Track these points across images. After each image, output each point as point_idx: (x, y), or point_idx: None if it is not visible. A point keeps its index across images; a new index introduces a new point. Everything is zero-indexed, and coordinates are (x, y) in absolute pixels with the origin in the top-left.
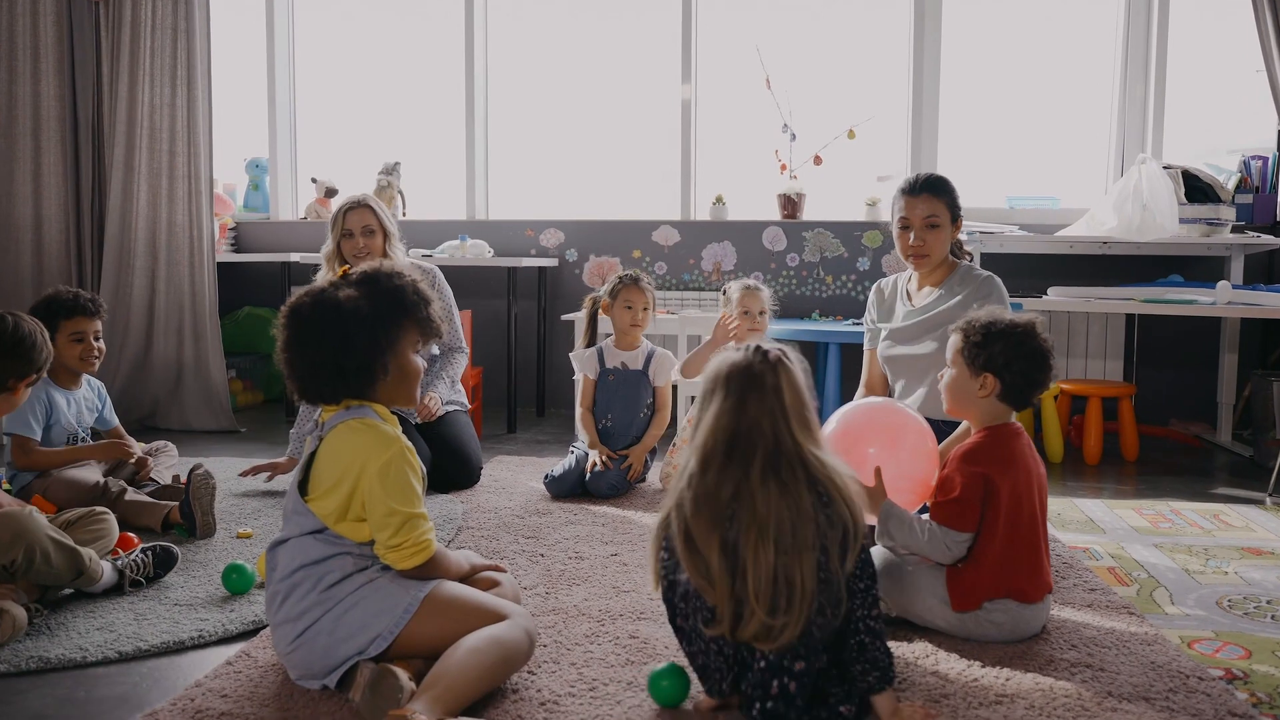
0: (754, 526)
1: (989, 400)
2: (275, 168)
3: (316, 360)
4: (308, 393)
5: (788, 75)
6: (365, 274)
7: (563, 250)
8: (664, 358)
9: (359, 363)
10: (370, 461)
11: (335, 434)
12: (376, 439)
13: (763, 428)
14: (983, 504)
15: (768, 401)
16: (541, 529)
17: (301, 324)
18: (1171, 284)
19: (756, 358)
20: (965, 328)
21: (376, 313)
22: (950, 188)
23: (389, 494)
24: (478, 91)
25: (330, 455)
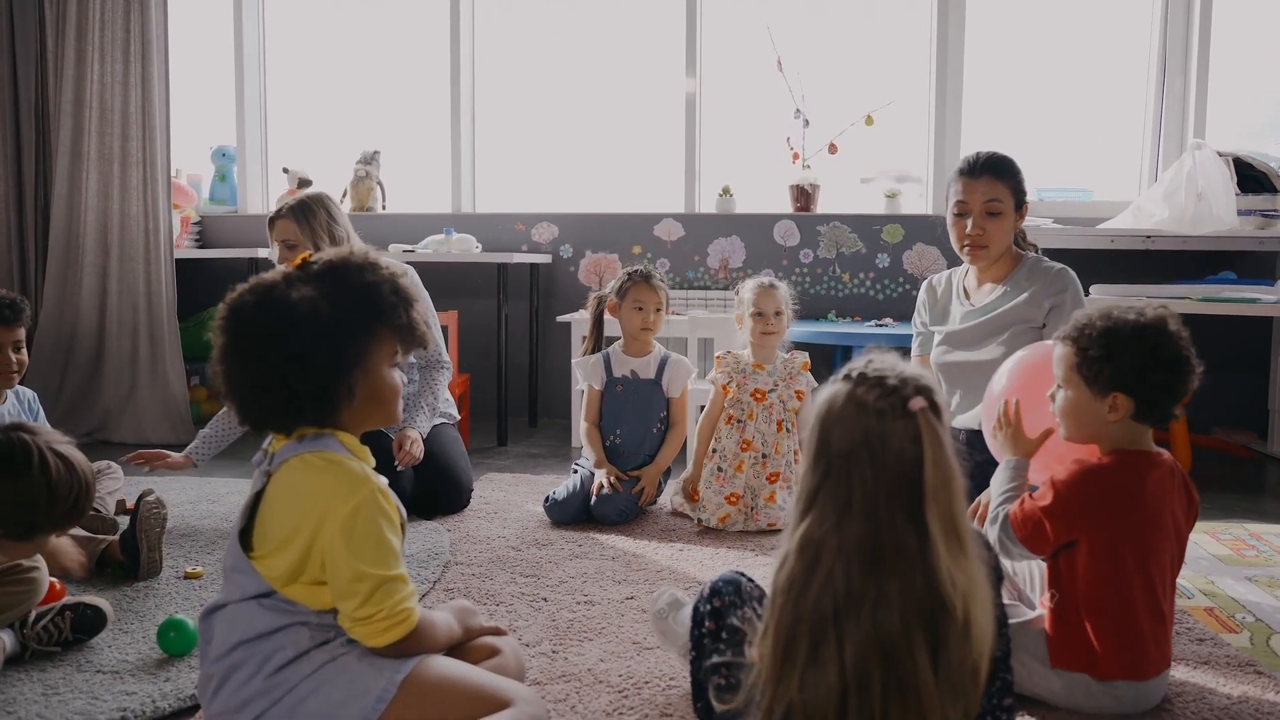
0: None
1: (1122, 424)
2: (244, 157)
3: (261, 379)
4: (250, 418)
5: (801, 57)
6: (329, 265)
7: (556, 246)
8: (679, 365)
9: (317, 385)
10: (332, 510)
11: (287, 472)
12: (340, 480)
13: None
14: (1074, 538)
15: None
16: (542, 565)
17: (242, 330)
18: (1224, 281)
19: (883, 403)
20: (1077, 337)
21: (341, 317)
22: (1015, 169)
23: (356, 552)
24: (464, 74)
25: (281, 499)
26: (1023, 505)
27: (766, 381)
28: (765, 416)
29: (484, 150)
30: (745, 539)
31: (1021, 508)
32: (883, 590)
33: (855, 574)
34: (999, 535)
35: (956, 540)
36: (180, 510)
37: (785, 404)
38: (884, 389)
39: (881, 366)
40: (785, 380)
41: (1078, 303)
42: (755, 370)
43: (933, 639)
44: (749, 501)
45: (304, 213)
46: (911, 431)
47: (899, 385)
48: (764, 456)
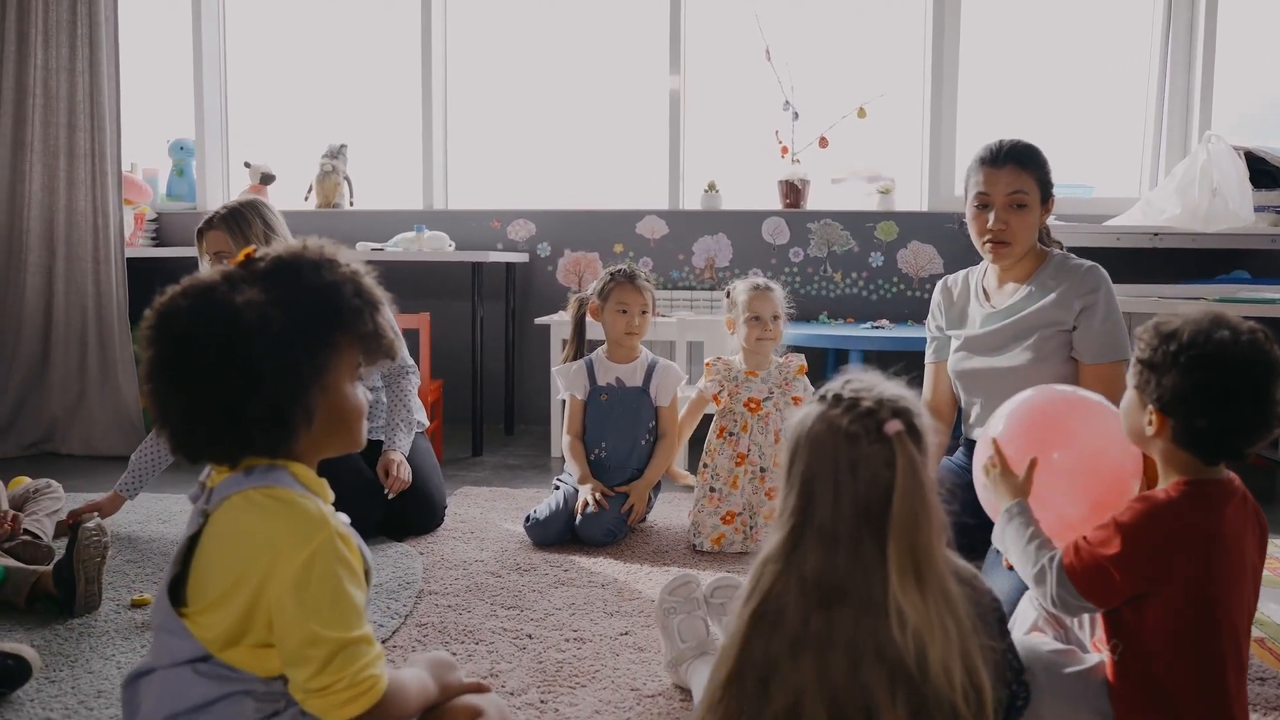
0: None
1: (1166, 445)
2: (203, 150)
3: (198, 403)
4: (185, 448)
5: (790, 46)
6: (279, 262)
7: (534, 244)
8: (668, 371)
9: (267, 408)
10: (282, 559)
11: (229, 512)
12: (293, 523)
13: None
14: (1147, 589)
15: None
16: (525, 593)
17: (175, 342)
18: (1237, 281)
19: (855, 426)
20: (1141, 333)
21: (296, 325)
22: (1041, 158)
23: (310, 611)
24: (435, 64)
25: (221, 545)
26: (1080, 553)
27: (761, 389)
28: (761, 427)
29: (457, 144)
30: (746, 561)
31: (1079, 556)
32: (831, 626)
33: (804, 606)
34: (1056, 592)
35: (914, 575)
36: (128, 530)
37: (782, 413)
38: (858, 411)
39: (859, 387)
40: (781, 387)
41: (1110, 302)
42: (748, 378)
43: (892, 684)
44: (747, 520)
45: (237, 221)
46: (885, 456)
47: (874, 407)
48: (762, 471)
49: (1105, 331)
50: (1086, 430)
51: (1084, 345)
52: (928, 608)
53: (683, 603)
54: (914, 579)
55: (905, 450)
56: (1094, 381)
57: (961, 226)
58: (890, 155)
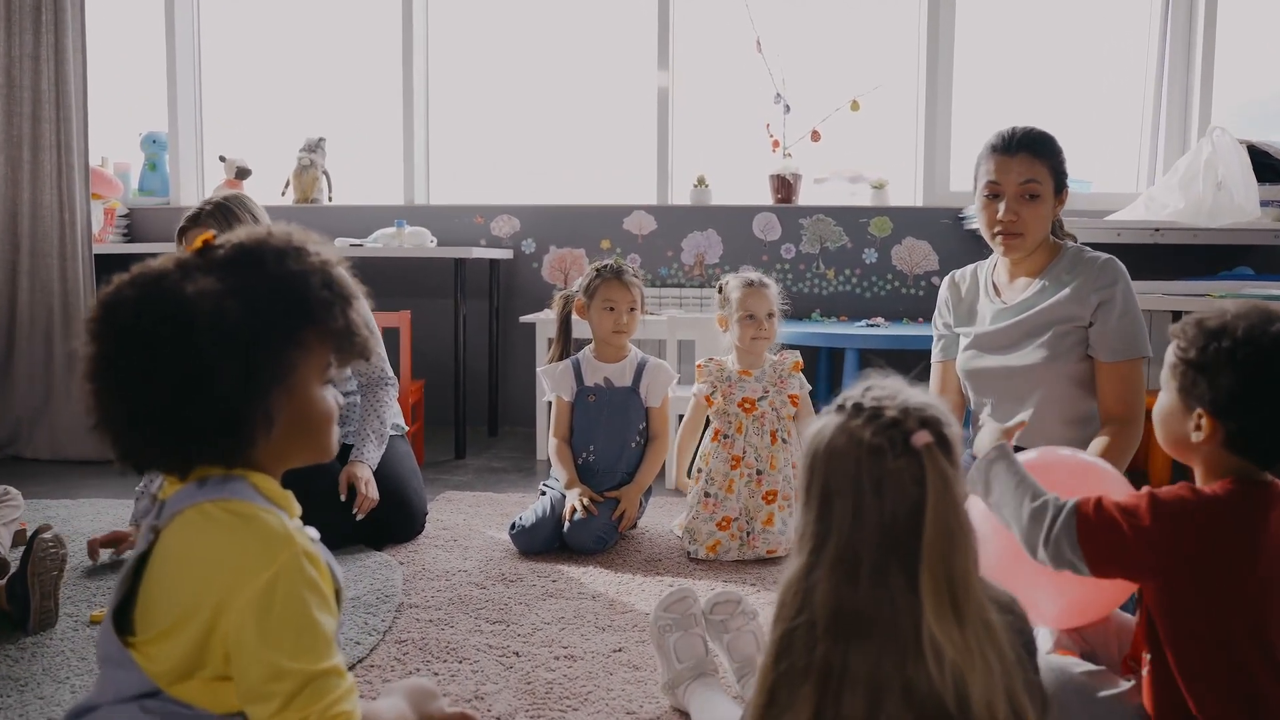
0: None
1: (1214, 450)
2: (176, 144)
3: (145, 405)
4: (131, 455)
5: (781, 37)
6: (240, 249)
7: (518, 240)
8: (659, 370)
9: (223, 412)
10: (240, 582)
11: (181, 528)
12: (253, 541)
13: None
14: (1159, 579)
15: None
16: (511, 606)
17: (120, 337)
18: (1241, 277)
19: (879, 438)
20: (1182, 330)
21: (258, 320)
22: (1055, 146)
23: (272, 641)
24: (417, 55)
25: (172, 566)
26: (1101, 508)
27: (755, 389)
28: (756, 428)
29: (439, 137)
30: (743, 570)
31: (1099, 511)
32: (847, 663)
33: (811, 636)
34: (1056, 534)
35: (950, 606)
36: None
37: (778, 412)
38: (882, 422)
39: (881, 394)
40: (776, 385)
41: (1129, 297)
42: (742, 377)
43: None
44: (744, 525)
45: (225, 216)
46: (914, 472)
47: (900, 417)
48: (758, 473)
49: (1123, 327)
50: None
51: (1101, 342)
52: (967, 641)
53: (679, 619)
54: (951, 610)
55: (936, 464)
56: (1111, 380)
57: (957, 221)
58: (884, 149)
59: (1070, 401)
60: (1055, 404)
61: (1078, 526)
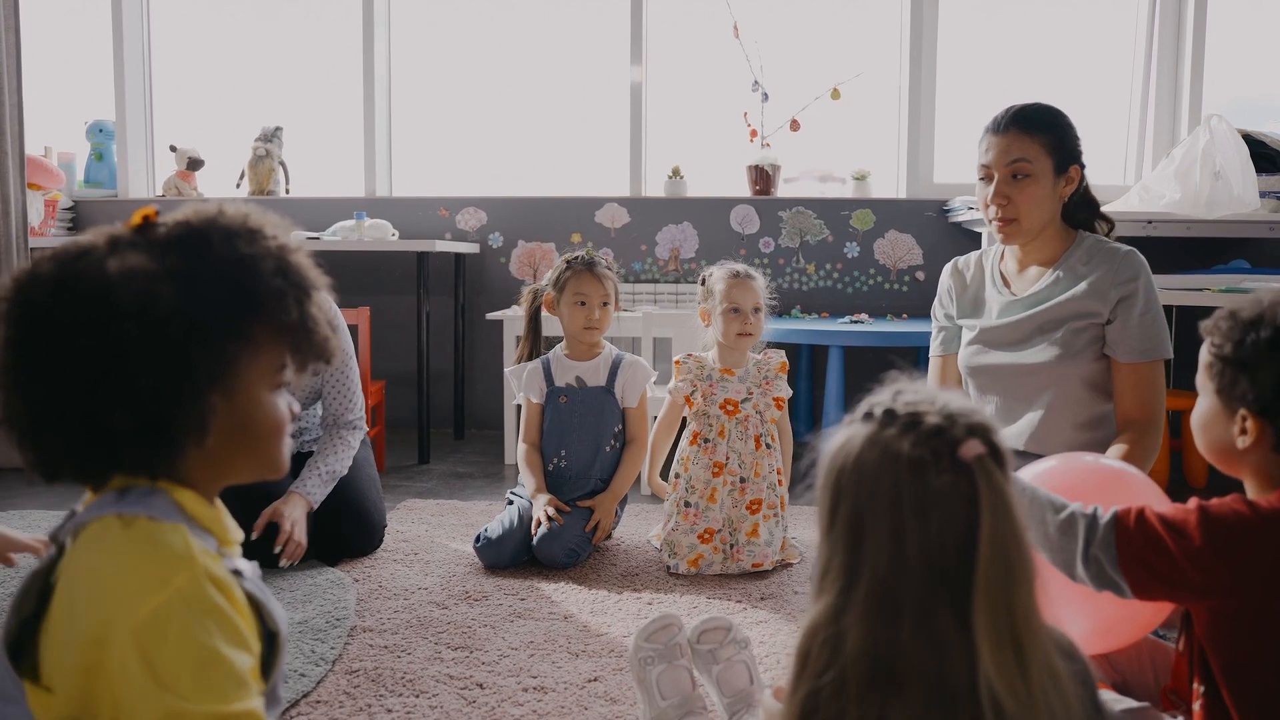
0: None
1: (1264, 455)
2: (124, 133)
3: (52, 404)
4: (40, 462)
5: (759, 21)
6: (185, 227)
7: (485, 234)
8: (635, 367)
9: (142, 416)
10: (124, 612)
11: (83, 544)
12: (142, 563)
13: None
14: (1212, 600)
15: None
16: (474, 629)
17: (30, 323)
18: (1237, 270)
19: (921, 450)
20: (1215, 326)
21: (195, 310)
22: (1054, 121)
23: (166, 679)
24: (378, 41)
25: (64, 592)
26: (1144, 521)
27: (738, 390)
28: (739, 432)
29: (402, 127)
30: (727, 585)
31: (1142, 524)
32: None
33: (840, 696)
34: (1093, 551)
35: (1012, 649)
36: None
37: (762, 415)
38: (923, 431)
39: (916, 399)
40: (760, 386)
41: (1150, 293)
42: (724, 377)
43: None
44: (727, 538)
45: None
46: (964, 490)
47: (944, 424)
48: (741, 481)
49: (1145, 326)
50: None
51: (1120, 341)
52: (1032, 693)
53: (662, 650)
54: (1013, 656)
55: (990, 479)
56: (1131, 383)
57: (942, 214)
58: (866, 139)
59: (1082, 404)
60: (1066, 406)
61: (1118, 544)
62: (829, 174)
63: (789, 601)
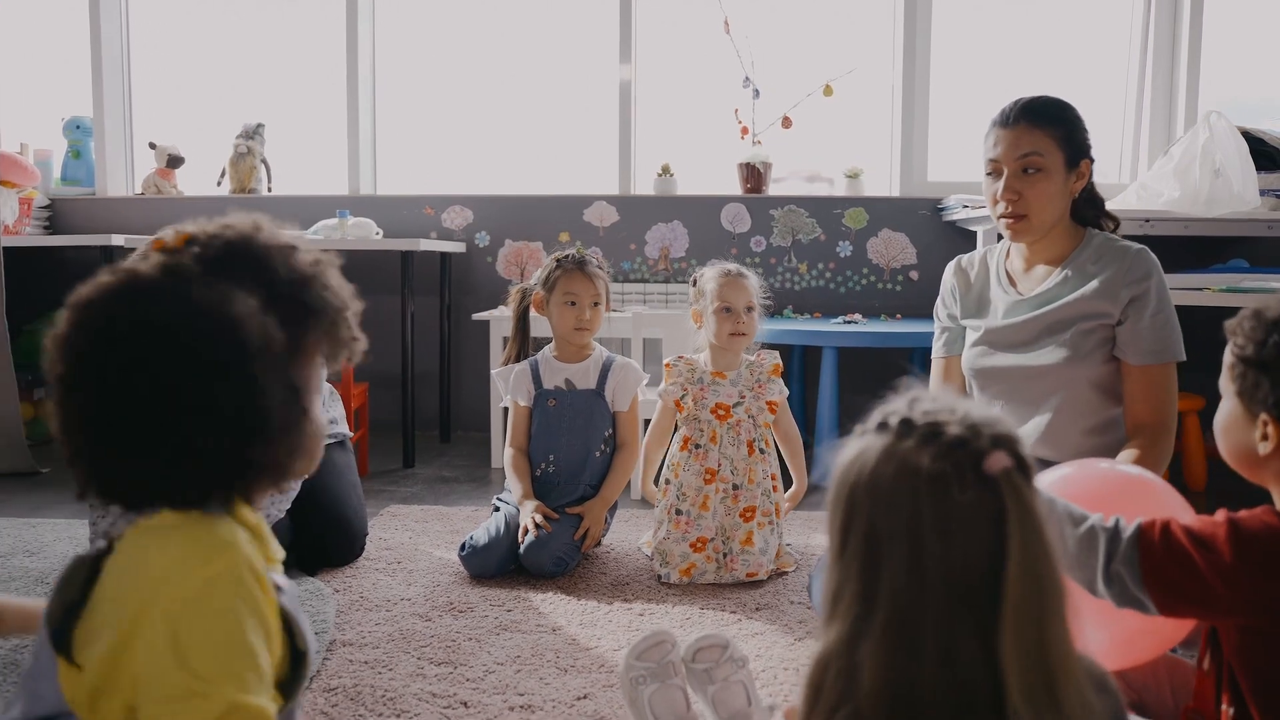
0: None
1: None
2: (102, 130)
3: (158, 439)
4: (124, 492)
5: (751, 16)
6: (230, 245)
7: (471, 233)
8: (626, 370)
9: (277, 445)
10: (164, 588)
11: (132, 538)
12: (186, 545)
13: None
14: (1246, 619)
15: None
16: (460, 644)
17: (114, 357)
18: (1236, 270)
19: (942, 464)
20: (1238, 327)
21: (279, 329)
22: (1065, 114)
23: (192, 654)
24: (363, 37)
25: (113, 580)
26: (1170, 535)
27: (730, 393)
28: (732, 437)
29: (387, 124)
30: (721, 595)
31: (1168, 538)
32: None
33: None
34: (1116, 567)
35: (1044, 684)
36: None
37: (755, 419)
38: (944, 442)
39: (935, 408)
40: (753, 390)
41: (1163, 293)
42: (715, 380)
43: None
44: (720, 546)
45: None
46: (989, 507)
47: (966, 435)
48: (735, 488)
49: (1157, 327)
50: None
51: (1131, 343)
52: None
53: (655, 669)
54: (1044, 689)
55: (1018, 495)
56: (1142, 386)
57: (936, 213)
58: (859, 136)
59: (1092, 407)
60: (1075, 410)
61: (1141, 561)
62: (816, 174)
63: (785, 612)
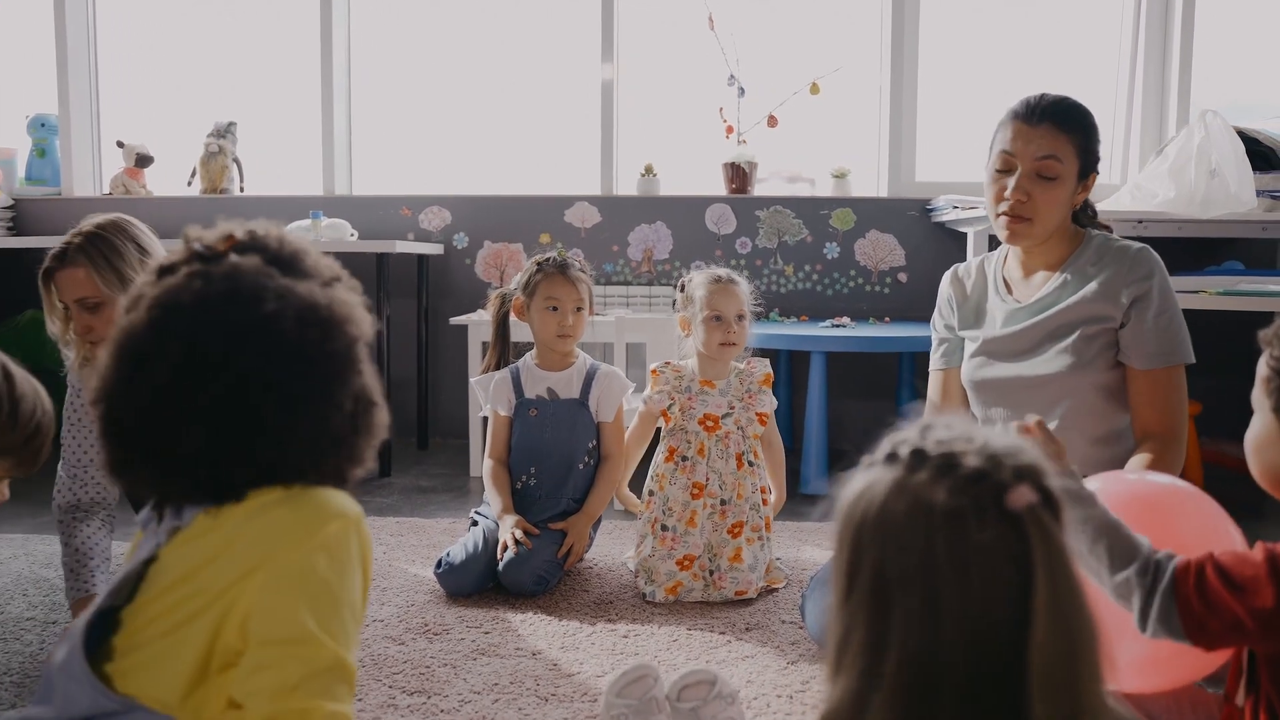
0: None
1: None
2: (68, 128)
3: (294, 421)
4: (194, 489)
5: (735, 12)
6: (284, 245)
7: (449, 234)
8: (610, 379)
9: (344, 427)
10: (281, 548)
11: (210, 519)
12: (305, 511)
13: None
14: None
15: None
16: (434, 669)
17: (241, 348)
18: (1231, 272)
19: (959, 499)
20: (1272, 336)
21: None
22: (1088, 121)
23: (310, 602)
24: (337, 33)
25: (196, 553)
26: (1207, 588)
27: (719, 404)
28: (720, 450)
29: (362, 123)
30: (709, 614)
31: (1205, 592)
32: None
33: None
34: (1153, 627)
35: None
36: None
37: (744, 431)
38: (961, 475)
39: (950, 436)
40: (743, 400)
41: (1166, 293)
42: (703, 389)
43: None
44: (706, 564)
45: (104, 252)
46: (1011, 546)
47: (986, 467)
48: (723, 504)
49: (1162, 329)
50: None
51: (1136, 346)
52: None
53: (638, 706)
54: None
55: (1045, 533)
56: (1148, 391)
57: (925, 214)
58: (846, 136)
59: (1098, 416)
60: (1081, 419)
61: (1180, 617)
62: (797, 175)
63: (778, 633)
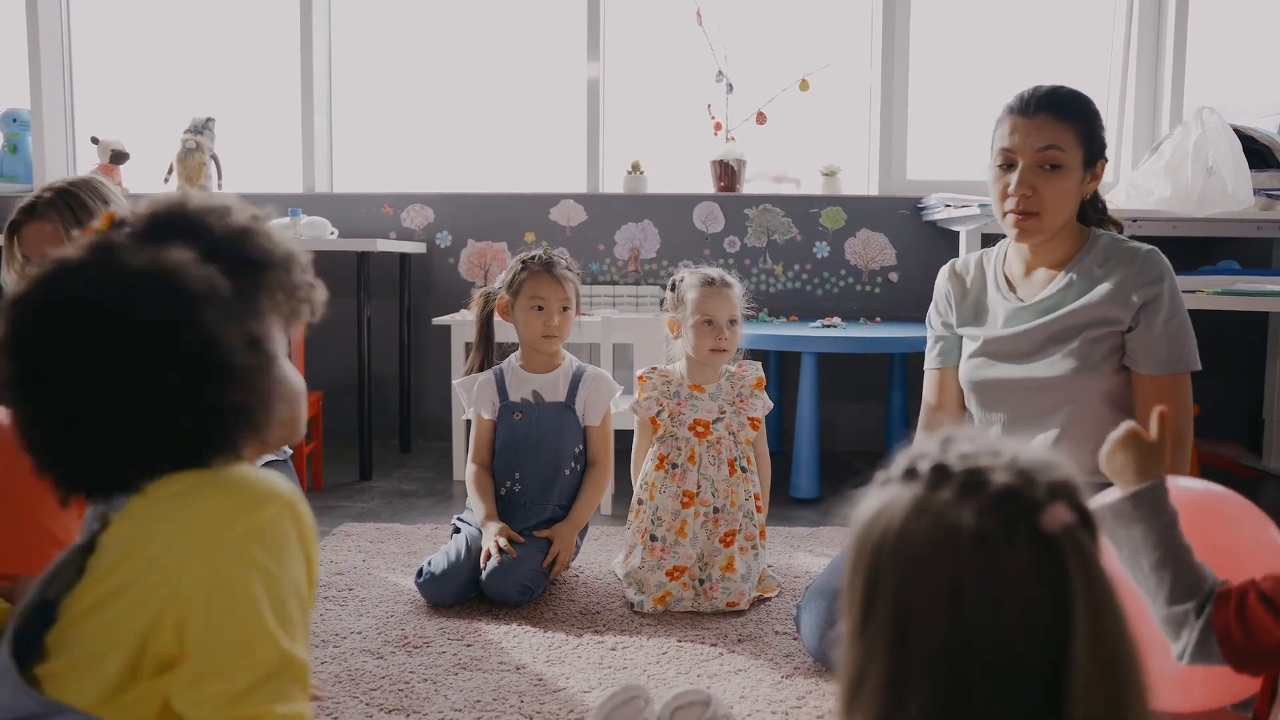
0: None
1: None
2: (40, 123)
3: (135, 411)
4: (116, 475)
5: (724, 7)
6: (169, 214)
7: (432, 232)
8: (598, 381)
9: (229, 399)
10: (212, 536)
11: (145, 502)
12: (233, 494)
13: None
14: None
15: None
16: (414, 684)
17: (62, 342)
18: (1227, 271)
19: (987, 520)
20: None
21: (239, 288)
22: (1087, 108)
23: (251, 595)
24: (318, 28)
25: (124, 543)
26: (1250, 623)
27: (709, 408)
28: (712, 456)
29: (343, 119)
30: (700, 625)
31: (1245, 626)
32: None
33: None
34: (1193, 656)
35: None
36: None
37: (736, 436)
38: (989, 494)
39: (975, 450)
40: (734, 405)
41: (1175, 297)
42: (693, 394)
43: None
44: (696, 573)
45: (74, 209)
46: (1046, 571)
47: (1017, 484)
48: (715, 511)
49: (1172, 334)
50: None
51: (1143, 351)
52: None
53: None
54: None
55: (1082, 556)
56: (1155, 397)
57: (916, 212)
58: (836, 133)
59: (1103, 422)
60: (1085, 425)
61: (1220, 644)
62: (784, 174)
63: (771, 644)
